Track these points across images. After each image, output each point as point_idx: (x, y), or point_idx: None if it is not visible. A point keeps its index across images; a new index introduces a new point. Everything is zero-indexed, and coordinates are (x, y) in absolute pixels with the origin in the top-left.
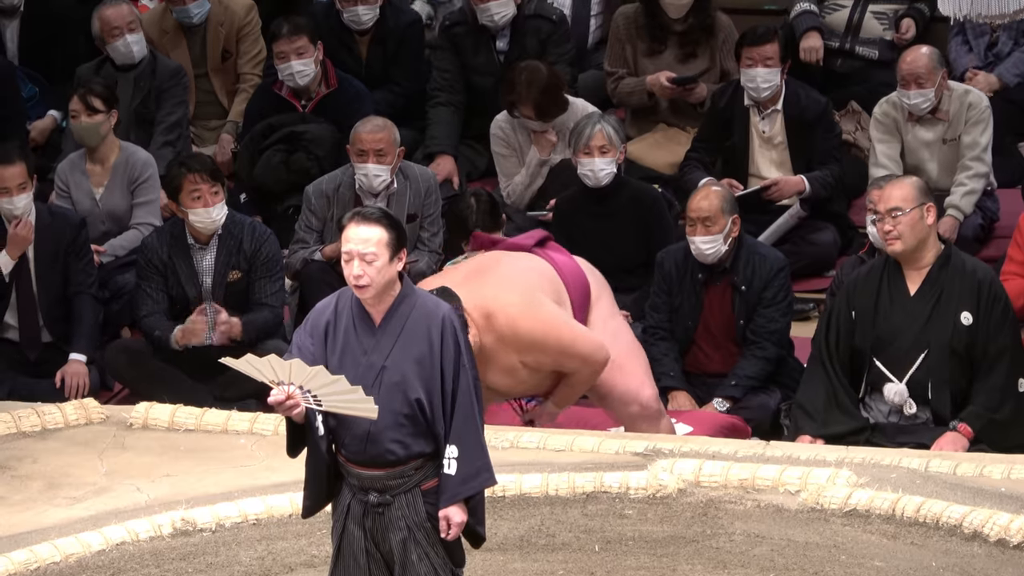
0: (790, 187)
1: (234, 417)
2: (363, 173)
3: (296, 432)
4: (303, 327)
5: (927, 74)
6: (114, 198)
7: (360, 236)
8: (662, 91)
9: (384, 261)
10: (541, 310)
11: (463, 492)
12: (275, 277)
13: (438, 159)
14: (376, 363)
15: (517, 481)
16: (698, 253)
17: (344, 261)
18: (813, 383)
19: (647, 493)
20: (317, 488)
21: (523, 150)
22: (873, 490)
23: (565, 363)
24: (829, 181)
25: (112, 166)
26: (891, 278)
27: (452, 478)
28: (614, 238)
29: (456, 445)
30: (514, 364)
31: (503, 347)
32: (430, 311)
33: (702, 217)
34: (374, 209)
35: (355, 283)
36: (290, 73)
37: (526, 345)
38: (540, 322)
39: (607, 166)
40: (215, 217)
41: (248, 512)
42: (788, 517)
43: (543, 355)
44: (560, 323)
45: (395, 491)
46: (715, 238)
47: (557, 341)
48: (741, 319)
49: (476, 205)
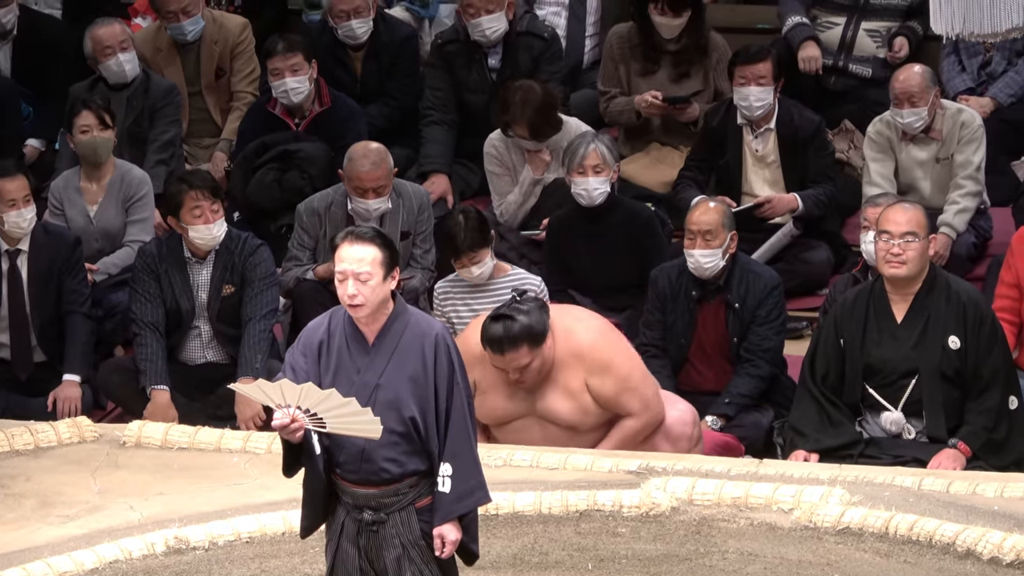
0: (783, 205)
1: (227, 435)
2: (363, 207)
3: (292, 452)
4: (296, 346)
5: (920, 93)
6: (108, 216)
7: (354, 256)
8: (648, 109)
9: (378, 280)
10: (621, 340)
11: (457, 510)
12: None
13: (432, 178)
14: (370, 382)
15: (510, 499)
16: (696, 267)
17: (338, 281)
18: (803, 405)
19: (640, 511)
20: (315, 508)
21: (516, 169)
22: (866, 508)
23: (624, 400)
24: (822, 199)
25: (107, 184)
26: (877, 305)
27: (446, 496)
28: (607, 257)
29: (450, 463)
30: (579, 386)
31: (573, 364)
32: (423, 330)
33: (703, 231)
34: (367, 228)
35: (350, 303)
36: (284, 90)
37: (596, 365)
38: (615, 349)
39: (601, 185)
40: (216, 234)
41: (241, 530)
42: (781, 535)
43: (609, 381)
44: (634, 357)
45: (389, 509)
46: (715, 252)
47: (627, 371)
48: (735, 337)
49: (464, 222)
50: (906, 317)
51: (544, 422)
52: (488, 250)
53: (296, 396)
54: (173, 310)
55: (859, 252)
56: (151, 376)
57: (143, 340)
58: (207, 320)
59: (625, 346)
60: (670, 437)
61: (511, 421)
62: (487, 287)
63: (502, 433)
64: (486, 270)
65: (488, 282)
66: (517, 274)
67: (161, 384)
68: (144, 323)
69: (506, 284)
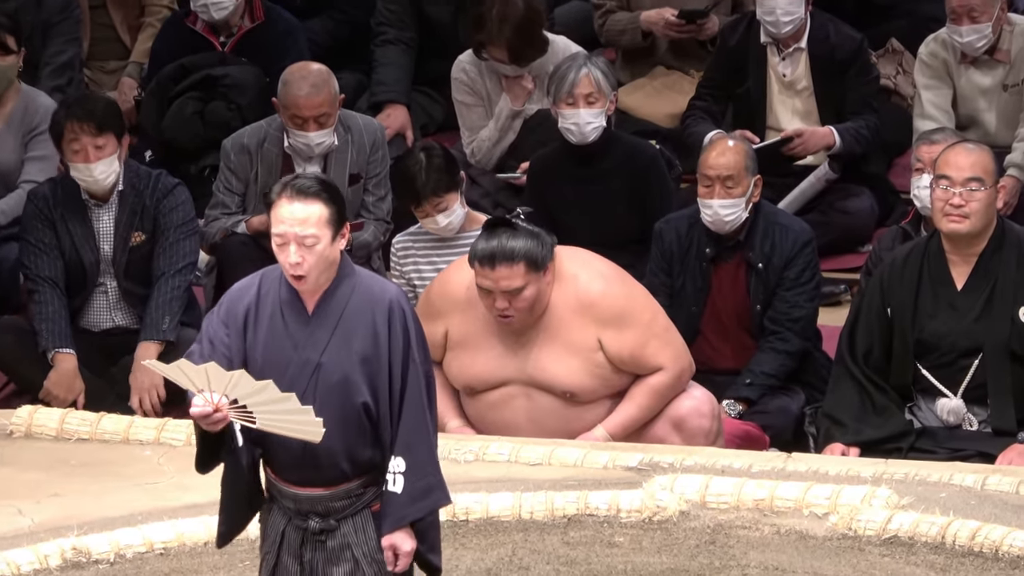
0: (816, 140)
1: (137, 423)
2: (303, 142)
3: (209, 443)
4: (215, 313)
5: (982, 5)
6: (5, 150)
7: (295, 215)
8: (664, 30)
9: (326, 243)
10: (636, 285)
11: (411, 514)
12: (189, 238)
13: (387, 109)
14: (310, 359)
15: (483, 501)
16: (714, 220)
17: (277, 245)
18: (841, 389)
19: (642, 516)
20: (235, 511)
21: (491, 99)
22: (918, 513)
23: (650, 352)
24: (864, 134)
25: (8, 113)
26: (933, 267)
27: (397, 497)
28: (602, 206)
29: (403, 457)
30: (588, 343)
31: (582, 316)
32: (375, 295)
33: (722, 176)
34: (309, 180)
35: (292, 272)
36: (205, 3)
37: (612, 315)
38: (632, 295)
39: (594, 119)
40: (98, 176)
41: (154, 539)
42: (814, 546)
43: (629, 333)
44: (654, 302)
45: (340, 514)
46: (736, 202)
47: (650, 316)
48: (757, 304)
49: (427, 162)
50: (968, 282)
51: (533, 390)
52: (456, 196)
53: (224, 383)
54: (74, 263)
55: (910, 200)
56: (53, 337)
57: (41, 297)
58: (113, 276)
59: (642, 291)
60: (683, 432)
61: (491, 389)
62: (456, 241)
63: (477, 406)
64: (454, 220)
65: (457, 236)
66: None
67: (66, 347)
68: (41, 278)
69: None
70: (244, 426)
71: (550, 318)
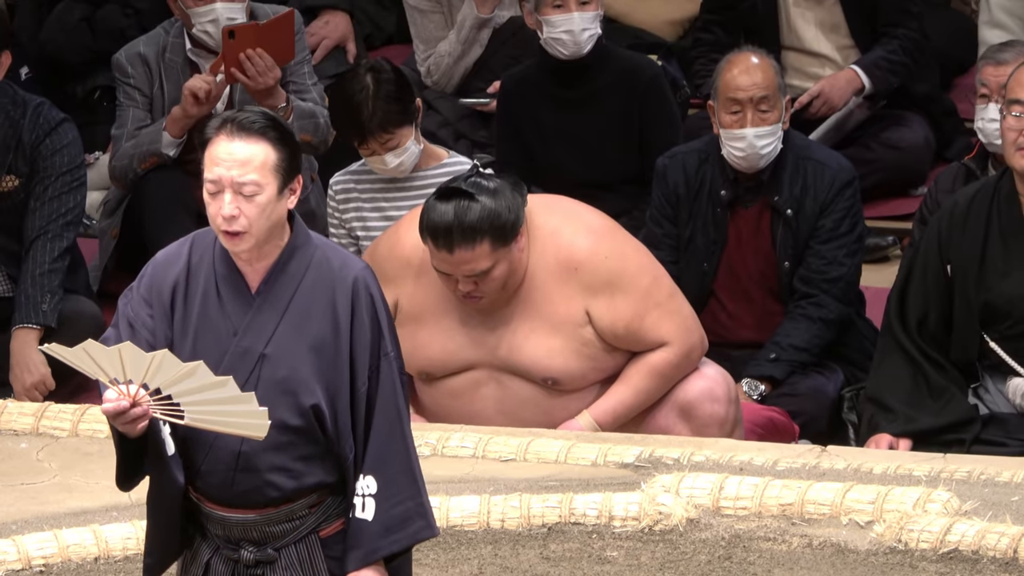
0: (840, 91)
1: (10, 408)
2: (208, 19)
3: (130, 452)
4: (135, 288)
5: None
6: None
7: (235, 156)
8: None
9: (270, 195)
10: (630, 240)
11: (384, 547)
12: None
13: (324, 15)
14: (252, 349)
15: (443, 506)
16: (748, 155)
17: (209, 194)
18: (890, 364)
19: (640, 525)
20: (166, 535)
21: (453, 5)
22: (984, 520)
23: (651, 324)
24: (898, 60)
25: None
26: (1003, 214)
27: (368, 525)
28: (590, 137)
29: (374, 475)
30: (574, 314)
31: (566, 281)
32: (335, 271)
33: (755, 98)
34: (256, 115)
35: (226, 228)
36: None
37: (602, 279)
38: (626, 253)
39: (591, 24)
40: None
41: (32, 552)
42: (856, 561)
43: (623, 301)
44: (654, 263)
45: (280, 542)
46: (774, 128)
47: (649, 281)
48: (785, 260)
49: (375, 88)
50: None
51: (505, 376)
52: (410, 130)
53: (143, 368)
54: None
55: (973, 131)
56: None
57: None
58: None
59: (640, 248)
60: (691, 421)
61: (453, 374)
62: (409, 183)
63: (435, 394)
64: (407, 160)
65: (411, 176)
66: (455, 162)
67: None
68: None
69: (437, 179)
70: (170, 424)
71: (526, 287)
